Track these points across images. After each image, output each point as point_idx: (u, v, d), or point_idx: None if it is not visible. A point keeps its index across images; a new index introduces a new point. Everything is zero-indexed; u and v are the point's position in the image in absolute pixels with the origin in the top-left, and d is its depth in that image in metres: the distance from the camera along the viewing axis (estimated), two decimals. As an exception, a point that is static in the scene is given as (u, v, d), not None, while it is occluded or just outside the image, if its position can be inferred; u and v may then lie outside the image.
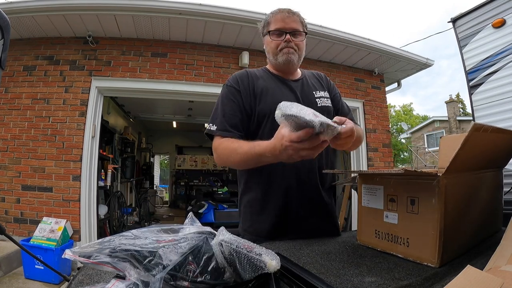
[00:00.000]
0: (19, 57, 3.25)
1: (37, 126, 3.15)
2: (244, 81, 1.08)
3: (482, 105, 2.15)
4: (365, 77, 4.33)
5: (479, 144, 0.68)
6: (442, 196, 0.65)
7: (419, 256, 0.70)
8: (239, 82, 1.08)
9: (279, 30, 1.07)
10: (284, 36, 1.06)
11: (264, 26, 1.12)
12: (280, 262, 0.48)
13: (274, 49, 1.09)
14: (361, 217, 0.88)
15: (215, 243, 0.49)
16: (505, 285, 0.46)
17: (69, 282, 0.61)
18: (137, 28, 3.28)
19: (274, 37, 1.08)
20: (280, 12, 1.09)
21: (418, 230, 0.70)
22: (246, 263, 0.46)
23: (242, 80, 1.08)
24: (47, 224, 2.79)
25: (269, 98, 1.06)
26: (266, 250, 0.51)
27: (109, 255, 0.47)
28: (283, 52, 1.08)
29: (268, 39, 1.10)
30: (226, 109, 1.03)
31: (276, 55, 1.09)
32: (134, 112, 6.35)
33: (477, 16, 2.19)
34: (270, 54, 1.11)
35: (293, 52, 1.08)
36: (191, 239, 0.54)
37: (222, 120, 1.01)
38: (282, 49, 1.07)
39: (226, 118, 1.01)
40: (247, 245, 0.50)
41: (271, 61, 1.14)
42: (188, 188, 9.00)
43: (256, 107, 1.05)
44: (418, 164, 15.44)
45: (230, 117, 1.01)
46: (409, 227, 0.73)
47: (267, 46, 1.12)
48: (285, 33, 1.06)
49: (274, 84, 1.11)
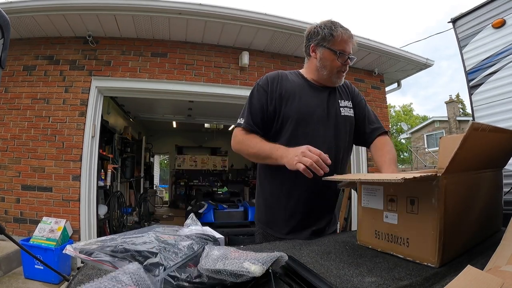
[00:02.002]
0: (19, 56, 3.25)
1: (37, 126, 3.14)
2: (274, 83, 1.14)
3: (482, 105, 2.15)
4: (365, 77, 4.33)
5: (478, 144, 0.68)
6: (442, 196, 0.65)
7: (419, 256, 0.70)
8: (269, 84, 1.14)
9: (344, 53, 1.12)
10: (345, 60, 1.13)
11: (326, 38, 1.12)
12: (265, 266, 0.47)
13: (333, 68, 1.13)
14: (361, 218, 0.88)
15: (200, 268, 0.49)
16: (505, 285, 0.46)
17: (68, 282, 0.60)
18: (137, 28, 3.28)
19: (340, 59, 1.12)
20: (345, 33, 1.13)
21: (418, 230, 0.70)
22: (231, 277, 0.46)
23: (272, 82, 1.14)
24: (46, 224, 2.79)
25: (295, 102, 1.11)
26: (256, 254, 0.51)
27: (110, 254, 0.47)
28: (340, 75, 1.15)
29: (329, 55, 1.12)
30: (252, 107, 1.13)
31: (332, 74, 1.15)
32: (134, 112, 6.34)
33: (477, 17, 2.19)
34: (327, 70, 1.14)
35: (344, 75, 1.18)
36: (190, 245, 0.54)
37: (249, 117, 1.11)
38: (341, 71, 1.15)
39: (252, 115, 1.11)
40: (233, 255, 0.51)
41: (323, 75, 1.16)
42: (188, 188, 9.00)
43: (282, 109, 1.11)
44: (418, 164, 15.44)
45: (254, 116, 1.11)
46: (409, 227, 0.73)
47: (325, 60, 1.14)
48: (348, 57, 1.13)
49: (304, 89, 1.16)
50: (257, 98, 1.13)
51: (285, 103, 1.11)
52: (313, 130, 1.10)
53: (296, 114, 1.10)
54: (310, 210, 1.11)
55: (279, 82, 1.14)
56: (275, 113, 1.11)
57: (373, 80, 4.39)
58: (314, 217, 1.12)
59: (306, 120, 1.10)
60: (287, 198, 1.11)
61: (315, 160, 0.86)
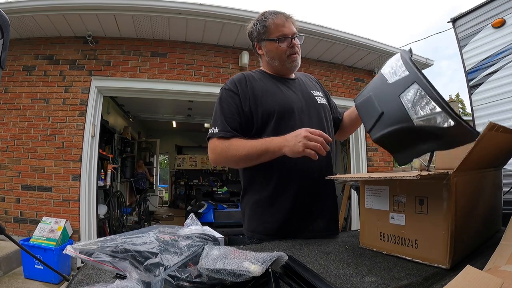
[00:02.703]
0: (19, 56, 3.25)
1: (37, 126, 3.14)
2: (242, 84, 1.08)
3: (481, 105, 2.15)
4: (365, 77, 4.32)
5: (490, 144, 0.67)
6: (453, 195, 0.63)
7: (429, 257, 0.67)
8: (237, 86, 1.08)
9: (284, 36, 1.09)
10: (290, 42, 1.10)
11: (262, 31, 1.12)
12: (264, 266, 0.47)
13: (282, 55, 1.11)
14: (363, 220, 0.85)
15: (200, 267, 0.49)
16: (504, 285, 0.46)
17: (68, 282, 0.61)
18: (137, 28, 3.27)
19: (281, 44, 1.09)
20: (278, 17, 1.10)
21: (427, 231, 0.68)
22: (231, 276, 0.46)
23: (240, 83, 1.09)
24: (46, 224, 2.79)
25: (272, 97, 1.07)
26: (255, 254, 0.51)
27: (110, 254, 0.47)
28: (291, 58, 1.12)
29: (272, 45, 1.11)
30: (225, 113, 1.04)
31: (283, 61, 1.12)
32: (134, 112, 6.34)
33: (477, 16, 2.19)
34: (276, 60, 1.12)
35: (297, 57, 1.13)
36: (190, 245, 0.54)
37: (224, 124, 1.03)
38: (290, 55, 1.11)
39: (227, 121, 1.03)
40: (233, 255, 0.51)
41: (276, 65, 1.14)
42: (188, 188, 8.99)
43: (258, 108, 1.06)
44: (418, 164, 15.44)
45: (230, 121, 1.03)
46: (417, 228, 0.70)
47: (271, 52, 1.12)
48: (290, 38, 1.10)
49: (274, 84, 1.12)
50: (229, 103, 1.06)
51: (260, 100, 1.06)
52: (298, 121, 1.05)
53: (278, 107, 1.05)
54: (309, 211, 1.04)
55: (248, 83, 1.09)
56: (252, 113, 1.05)
57: (373, 80, 4.39)
58: (312, 219, 1.04)
59: (288, 112, 1.06)
60: (280, 199, 1.03)
61: (320, 142, 0.85)
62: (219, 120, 1.04)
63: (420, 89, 0.71)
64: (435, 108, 0.67)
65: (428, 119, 0.68)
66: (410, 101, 0.72)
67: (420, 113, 0.70)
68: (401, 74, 0.77)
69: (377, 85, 0.84)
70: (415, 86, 0.72)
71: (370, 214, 0.83)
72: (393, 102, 0.76)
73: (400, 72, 0.78)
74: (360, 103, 0.87)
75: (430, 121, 0.68)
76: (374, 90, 0.84)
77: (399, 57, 0.81)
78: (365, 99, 0.85)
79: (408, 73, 0.76)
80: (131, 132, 6.20)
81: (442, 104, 0.67)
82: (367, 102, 0.84)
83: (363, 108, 0.86)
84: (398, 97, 0.74)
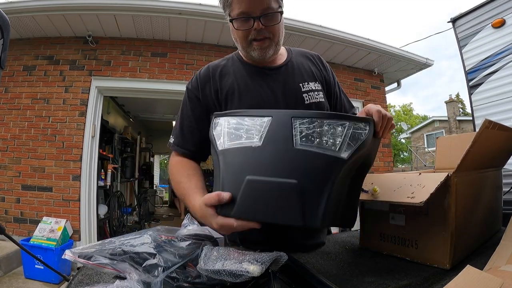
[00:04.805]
0: (19, 57, 3.25)
1: (37, 126, 3.14)
2: (206, 87, 0.88)
3: (481, 105, 2.15)
4: (365, 77, 4.32)
5: (487, 142, 0.67)
6: (454, 195, 0.63)
7: (429, 258, 0.67)
8: (200, 89, 0.88)
9: (245, 15, 0.77)
10: (252, 23, 0.77)
11: (225, 7, 0.81)
12: (264, 266, 0.47)
13: (242, 42, 0.82)
14: (363, 221, 0.85)
15: (200, 268, 0.49)
16: (504, 285, 0.46)
17: (69, 282, 0.61)
18: (137, 28, 3.27)
19: (239, 25, 0.79)
20: None
21: (427, 231, 0.68)
22: (230, 277, 0.46)
23: (204, 86, 0.89)
24: (47, 224, 2.79)
25: (236, 101, 0.85)
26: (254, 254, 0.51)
27: (109, 257, 0.47)
28: (254, 46, 0.81)
29: (232, 27, 0.82)
30: (184, 121, 0.89)
31: (246, 48, 0.83)
32: (134, 112, 6.34)
33: (477, 16, 2.19)
34: (238, 44, 0.85)
35: (268, 44, 0.81)
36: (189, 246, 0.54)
37: (179, 136, 0.89)
38: (253, 40, 0.80)
39: (183, 132, 0.89)
40: (232, 255, 0.51)
41: (241, 53, 0.90)
42: (188, 188, 8.97)
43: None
44: (418, 164, 15.45)
45: (187, 132, 0.88)
46: (417, 228, 0.70)
47: (232, 34, 0.86)
48: (253, 18, 0.76)
49: (247, 79, 0.88)
50: (190, 109, 0.88)
51: (225, 105, 0.86)
52: None
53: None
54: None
55: (212, 84, 0.88)
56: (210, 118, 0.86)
57: (373, 80, 4.39)
58: (289, 232, 0.83)
59: None
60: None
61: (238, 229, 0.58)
62: (178, 128, 0.90)
63: (298, 119, 0.54)
64: (330, 124, 0.53)
65: (343, 141, 0.52)
66: (313, 141, 0.53)
67: (331, 142, 0.53)
68: (261, 125, 0.57)
69: (243, 162, 0.56)
70: (288, 120, 0.55)
71: (370, 215, 0.83)
72: (295, 160, 0.52)
73: (257, 126, 0.58)
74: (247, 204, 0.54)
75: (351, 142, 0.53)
76: (247, 169, 0.55)
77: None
78: (247, 189, 0.53)
79: (269, 117, 0.57)
80: (131, 132, 6.20)
81: (324, 114, 0.55)
82: (255, 191, 0.53)
83: (260, 206, 0.53)
84: (293, 147, 0.53)
